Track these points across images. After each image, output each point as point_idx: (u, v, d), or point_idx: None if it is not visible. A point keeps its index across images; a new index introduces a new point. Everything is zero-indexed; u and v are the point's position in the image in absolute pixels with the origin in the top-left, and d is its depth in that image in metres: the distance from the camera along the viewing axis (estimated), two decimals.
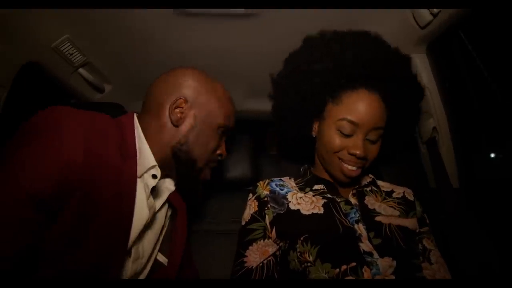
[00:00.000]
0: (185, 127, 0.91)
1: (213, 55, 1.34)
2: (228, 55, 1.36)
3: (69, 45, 1.25)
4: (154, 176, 0.88)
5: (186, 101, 0.91)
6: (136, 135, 0.87)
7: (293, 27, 1.19)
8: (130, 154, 0.82)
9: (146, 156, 0.86)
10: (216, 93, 0.96)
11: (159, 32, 1.23)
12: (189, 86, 0.93)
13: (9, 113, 1.11)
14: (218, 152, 0.98)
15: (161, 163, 0.89)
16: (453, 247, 1.09)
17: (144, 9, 1.11)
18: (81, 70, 1.38)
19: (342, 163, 0.95)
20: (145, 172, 0.85)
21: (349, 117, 0.92)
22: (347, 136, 0.93)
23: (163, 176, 0.94)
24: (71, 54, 1.29)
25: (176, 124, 0.90)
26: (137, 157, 0.84)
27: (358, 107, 0.92)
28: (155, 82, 0.96)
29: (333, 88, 0.97)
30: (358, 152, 0.91)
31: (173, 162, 0.91)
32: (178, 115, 0.90)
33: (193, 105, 0.92)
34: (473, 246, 1.09)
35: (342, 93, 0.96)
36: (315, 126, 1.04)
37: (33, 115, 0.72)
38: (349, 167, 0.94)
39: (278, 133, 1.18)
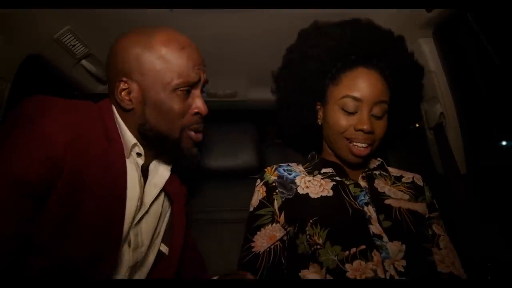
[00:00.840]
0: (137, 106, 0.83)
1: (217, 45, 1.33)
2: (232, 44, 1.35)
3: (71, 37, 1.24)
4: (138, 155, 0.87)
5: (128, 80, 0.81)
6: (115, 119, 0.85)
7: (297, 16, 1.18)
8: (114, 137, 0.82)
9: (127, 137, 0.84)
10: (156, 51, 0.81)
11: (161, 22, 1.22)
12: (126, 60, 0.81)
13: (13, 105, 1.11)
14: (193, 111, 0.86)
15: (141, 143, 0.86)
16: (459, 232, 1.09)
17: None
18: (83, 61, 1.38)
19: (351, 143, 0.95)
20: (131, 151, 0.85)
21: (350, 94, 0.93)
22: (352, 113, 0.94)
23: (154, 157, 0.93)
24: (73, 46, 1.28)
25: (128, 109, 0.83)
26: (121, 139, 0.83)
27: (358, 83, 0.94)
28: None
29: (331, 71, 0.99)
30: (365, 127, 0.90)
31: (147, 143, 0.87)
32: (126, 98, 0.82)
33: (136, 79, 0.81)
34: (479, 232, 1.08)
35: (341, 74, 0.97)
36: (320, 113, 1.05)
37: (17, 106, 0.74)
38: (358, 144, 0.94)
39: (284, 126, 1.19)
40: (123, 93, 0.82)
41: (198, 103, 0.86)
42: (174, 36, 0.84)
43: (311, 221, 0.88)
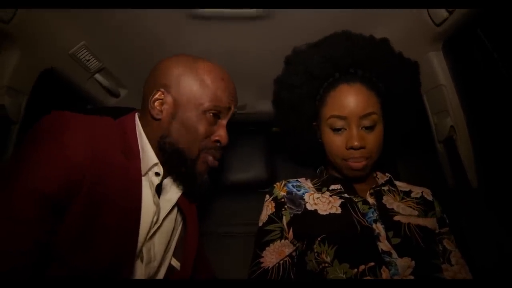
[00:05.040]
0: (166, 118, 0.87)
1: (226, 57, 1.34)
2: (241, 57, 1.37)
3: (85, 52, 1.28)
4: (157, 174, 0.88)
5: (165, 92, 0.88)
6: (137, 133, 0.88)
7: (306, 28, 1.19)
8: (133, 153, 0.84)
9: (148, 154, 0.87)
10: (198, 75, 0.89)
11: (172, 36, 1.25)
12: (168, 75, 0.89)
13: (30, 118, 1.14)
14: (215, 138, 0.91)
15: (161, 160, 0.88)
16: (472, 248, 1.07)
17: (157, 14, 1.12)
18: (97, 75, 1.41)
19: (347, 162, 0.96)
20: (149, 170, 0.87)
21: (335, 113, 0.95)
22: (341, 132, 0.95)
23: (168, 175, 0.94)
24: (88, 60, 1.32)
25: (157, 118, 0.87)
26: (140, 156, 0.85)
27: (340, 101, 0.95)
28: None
29: (319, 93, 1.01)
30: (355, 143, 0.91)
31: (163, 158, 0.88)
32: (158, 107, 0.87)
33: (173, 94, 0.88)
34: (493, 248, 1.06)
35: (326, 95, 0.99)
36: (319, 131, 1.06)
37: (38, 121, 0.77)
38: (354, 164, 0.95)
39: (290, 148, 1.24)
40: (156, 102, 0.88)
41: (221, 132, 0.92)
42: (217, 67, 0.93)
43: (319, 239, 0.88)
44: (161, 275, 0.94)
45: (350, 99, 0.93)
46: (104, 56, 1.36)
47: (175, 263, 0.98)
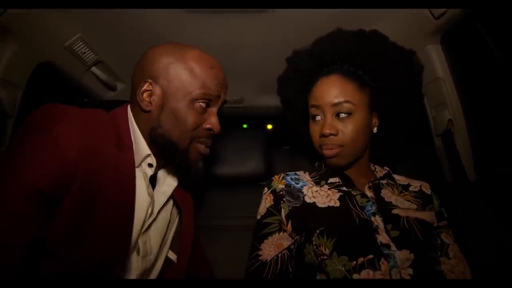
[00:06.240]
0: (155, 110, 0.86)
1: (225, 51, 1.34)
2: (240, 51, 1.36)
3: (81, 44, 1.27)
4: (150, 165, 0.88)
5: (153, 82, 0.86)
6: (130, 125, 0.87)
7: (305, 23, 1.19)
8: (126, 145, 0.84)
9: (141, 146, 0.86)
10: (186, 63, 0.86)
11: (170, 29, 1.24)
12: (155, 65, 0.86)
13: (25, 112, 1.13)
14: (206, 126, 0.90)
15: (154, 152, 0.88)
16: (470, 241, 1.08)
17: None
18: (93, 68, 1.40)
19: (322, 149, 0.99)
20: (142, 161, 0.86)
21: (311, 103, 1.00)
22: (318, 120, 0.99)
23: (162, 166, 0.94)
24: (84, 53, 1.31)
25: (146, 110, 0.86)
26: (133, 147, 0.85)
27: (317, 91, 0.99)
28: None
29: (307, 89, 1.04)
30: (326, 131, 0.94)
31: (156, 149, 0.88)
32: (147, 99, 0.86)
33: (161, 84, 0.85)
34: (490, 241, 1.07)
35: (310, 89, 1.03)
36: None
37: (30, 114, 0.76)
38: (326, 151, 0.97)
39: (294, 140, 1.25)
40: (144, 94, 0.86)
41: (212, 120, 0.90)
42: (205, 56, 0.91)
43: (317, 231, 0.88)
44: (157, 267, 0.94)
45: (324, 88, 0.97)
46: (101, 49, 1.35)
47: (172, 256, 0.98)
